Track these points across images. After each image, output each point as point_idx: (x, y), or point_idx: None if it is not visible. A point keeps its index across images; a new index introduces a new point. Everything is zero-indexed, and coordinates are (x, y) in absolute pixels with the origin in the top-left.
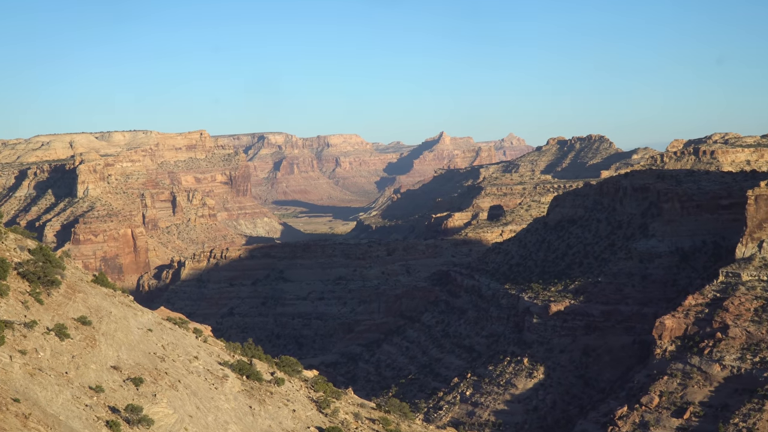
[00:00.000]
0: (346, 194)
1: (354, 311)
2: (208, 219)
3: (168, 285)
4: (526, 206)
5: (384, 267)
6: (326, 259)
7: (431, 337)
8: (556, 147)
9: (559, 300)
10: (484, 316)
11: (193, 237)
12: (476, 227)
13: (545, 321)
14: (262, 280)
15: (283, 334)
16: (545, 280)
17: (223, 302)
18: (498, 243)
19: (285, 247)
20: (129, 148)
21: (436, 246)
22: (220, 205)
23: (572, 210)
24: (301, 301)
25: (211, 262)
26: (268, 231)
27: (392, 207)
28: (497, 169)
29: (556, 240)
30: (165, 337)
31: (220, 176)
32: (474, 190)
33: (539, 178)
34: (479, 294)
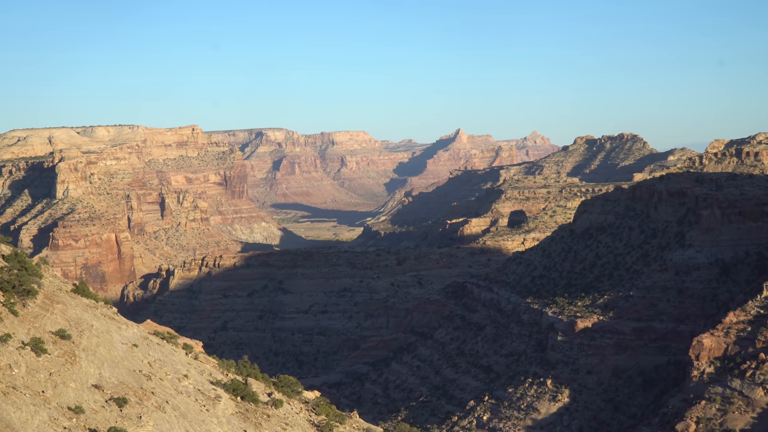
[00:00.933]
0: (352, 197)
1: (360, 326)
2: (200, 223)
3: (155, 296)
4: (550, 212)
5: (393, 278)
6: (330, 269)
7: (445, 356)
8: (585, 147)
9: (586, 316)
10: (503, 332)
11: (184, 243)
12: (495, 235)
13: (571, 339)
14: (259, 292)
15: (281, 351)
16: (571, 294)
17: (216, 315)
18: (519, 252)
19: (284, 255)
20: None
21: (451, 255)
22: (213, 208)
23: (601, 216)
24: (301, 314)
25: (203, 271)
26: (266, 237)
27: (403, 212)
28: (519, 171)
29: (583, 249)
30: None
31: (213, 176)
32: (493, 193)
33: (565, 180)
34: (498, 308)
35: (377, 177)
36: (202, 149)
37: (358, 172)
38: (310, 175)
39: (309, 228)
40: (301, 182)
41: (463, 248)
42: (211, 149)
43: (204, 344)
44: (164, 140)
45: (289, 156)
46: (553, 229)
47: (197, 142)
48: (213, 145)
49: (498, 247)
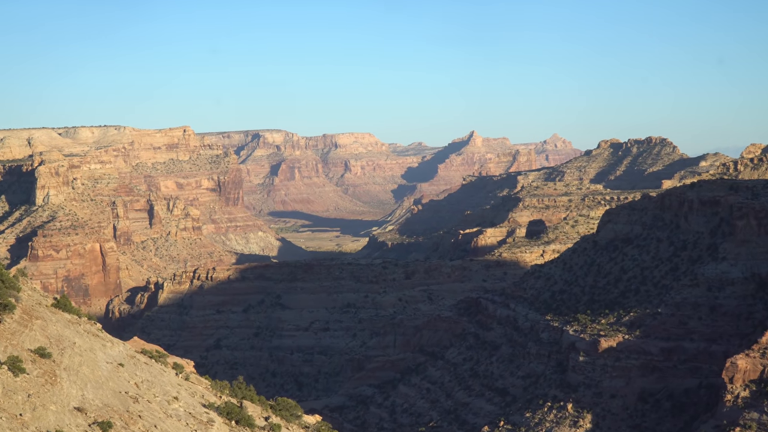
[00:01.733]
0: (356, 205)
1: (365, 345)
2: (192, 233)
3: (143, 311)
4: (572, 222)
5: (401, 292)
6: (332, 283)
7: (457, 377)
8: (609, 151)
9: (610, 334)
10: (520, 352)
11: (174, 254)
12: (512, 246)
13: (594, 359)
14: (256, 307)
15: (279, 372)
16: (594, 311)
17: (209, 332)
18: (538, 265)
19: (283, 267)
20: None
21: (463, 268)
22: (206, 216)
23: (627, 227)
24: (301, 332)
25: (194, 285)
26: (263, 248)
27: (412, 221)
28: (538, 177)
29: (607, 262)
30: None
31: (206, 181)
32: (510, 201)
33: (588, 187)
34: (515, 326)
35: (384, 183)
36: (194, 152)
37: (363, 178)
38: (311, 180)
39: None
40: (301, 188)
41: (477, 261)
42: (203, 152)
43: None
44: (153, 142)
45: (289, 160)
46: (575, 241)
47: (189, 144)
48: (206, 148)
49: (515, 259)
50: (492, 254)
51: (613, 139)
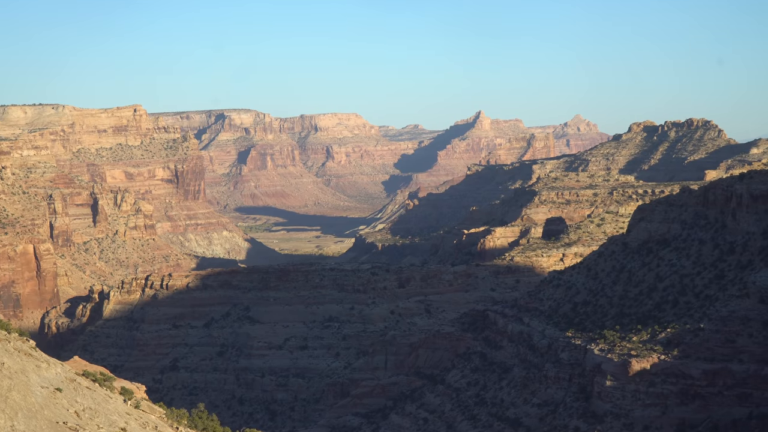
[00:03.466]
0: (340, 199)
1: (350, 366)
2: (144, 232)
3: (85, 326)
4: (597, 220)
5: (394, 304)
6: (311, 292)
7: (460, 405)
8: (642, 136)
9: (643, 354)
10: (536, 376)
11: (122, 257)
12: (526, 248)
13: (623, 384)
14: (220, 321)
15: (248, 398)
16: (624, 326)
17: (164, 351)
18: (557, 272)
19: (253, 273)
20: (32, 130)
21: (468, 275)
22: (160, 213)
23: (664, 226)
24: (274, 350)
25: (146, 294)
26: (228, 250)
27: (406, 218)
28: (557, 166)
29: (640, 268)
30: (80, 400)
31: (161, 171)
32: (524, 195)
33: (617, 179)
34: (529, 344)
35: (373, 173)
36: (147, 136)
37: (348, 167)
38: (286, 170)
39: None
40: (274, 179)
41: (484, 266)
42: (158, 136)
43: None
44: (97, 124)
45: (260, 145)
46: (602, 242)
47: (140, 126)
48: (161, 131)
49: (529, 264)
50: (502, 258)
51: (647, 121)
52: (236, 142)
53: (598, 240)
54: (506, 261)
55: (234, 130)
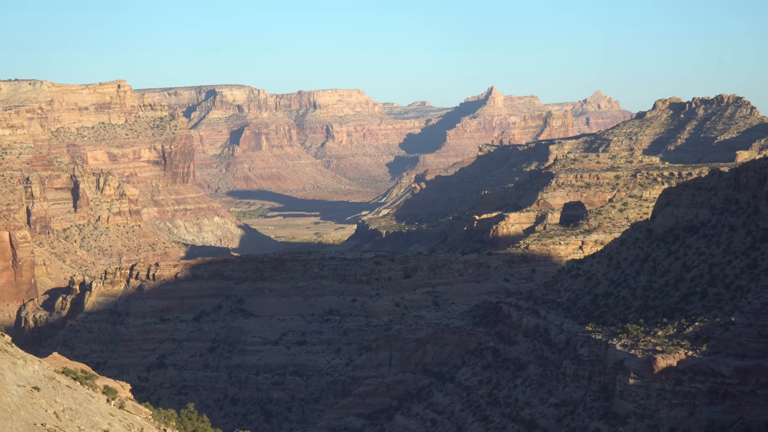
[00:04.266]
0: (341, 182)
1: (352, 363)
2: (129, 218)
3: (65, 319)
4: (620, 204)
5: (399, 295)
6: (309, 282)
7: (471, 405)
8: (668, 113)
9: (669, 350)
10: (553, 373)
11: (105, 246)
12: (543, 236)
13: (648, 383)
14: (211, 314)
15: (241, 398)
16: (648, 320)
17: (150, 347)
18: (576, 261)
19: (246, 262)
20: (7, 108)
21: (479, 264)
22: (147, 197)
23: (691, 211)
24: (270, 346)
25: (131, 285)
26: (220, 237)
27: (413, 203)
28: (576, 146)
29: (666, 257)
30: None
31: (147, 152)
32: (540, 178)
33: (641, 160)
34: (546, 339)
35: (377, 154)
36: (132, 114)
37: (349, 148)
38: (282, 150)
39: (281, 225)
40: (269, 161)
41: (496, 254)
42: (144, 114)
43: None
44: (78, 101)
45: (254, 124)
46: (624, 229)
47: (125, 104)
48: (147, 109)
49: (546, 253)
50: (516, 246)
51: (674, 98)
52: (228, 121)
53: (620, 226)
54: (521, 249)
55: (226, 107)
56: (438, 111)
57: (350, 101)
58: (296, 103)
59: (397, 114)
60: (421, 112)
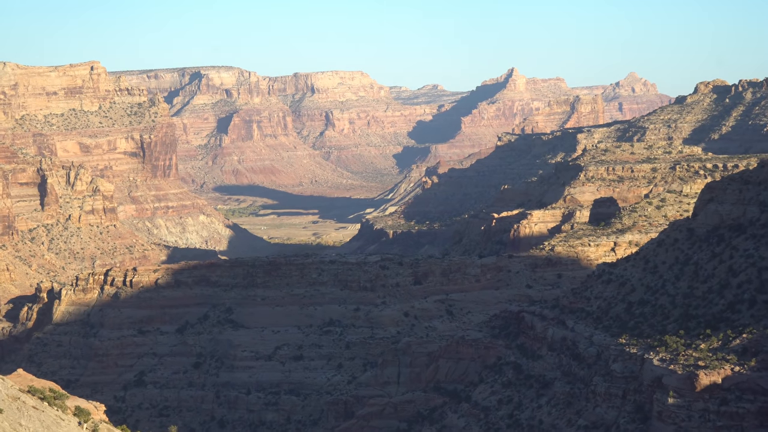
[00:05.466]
0: (342, 176)
1: (355, 381)
2: (103, 217)
3: (31, 331)
4: (657, 201)
5: (408, 304)
6: (307, 290)
7: (489, 428)
8: (712, 98)
9: (713, 366)
10: (582, 392)
11: (77, 248)
12: (570, 236)
13: (689, 402)
14: (196, 326)
15: (230, 420)
16: (690, 331)
17: (128, 362)
18: (607, 264)
19: (236, 267)
20: None
21: (499, 268)
22: (123, 193)
23: (738, 208)
24: (262, 362)
25: (106, 293)
26: (206, 238)
27: (423, 199)
28: (608, 135)
29: (709, 260)
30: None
31: (124, 142)
32: (567, 171)
33: (681, 151)
34: (574, 353)
35: (383, 144)
36: (107, 99)
37: (352, 137)
38: (276, 140)
39: (275, 224)
40: (262, 152)
41: (518, 258)
42: (120, 100)
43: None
44: (46, 85)
45: (244, 111)
46: (662, 228)
47: (98, 88)
48: (123, 94)
49: (574, 255)
50: (540, 248)
51: (718, 80)
52: (215, 107)
53: (658, 226)
54: (545, 251)
55: (212, 91)
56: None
57: (352, 85)
58: (292, 86)
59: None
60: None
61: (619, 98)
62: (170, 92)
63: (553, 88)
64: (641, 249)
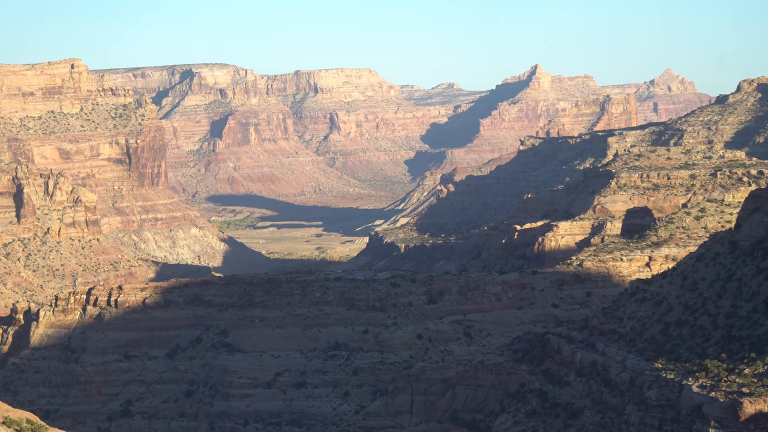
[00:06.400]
0: (349, 184)
1: (363, 411)
2: (85, 230)
3: (6, 356)
4: (696, 211)
5: (422, 325)
6: (310, 310)
7: None
8: (756, 97)
9: (758, 393)
10: (613, 421)
11: (56, 265)
12: (600, 250)
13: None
14: (187, 350)
15: None
16: (733, 354)
17: (113, 390)
18: (641, 281)
19: (231, 285)
20: None
21: (522, 286)
22: (107, 204)
23: None
24: (261, 389)
25: (89, 314)
26: (198, 253)
27: (438, 209)
28: (641, 138)
29: (753, 276)
30: None
31: (108, 148)
32: (597, 178)
33: (723, 156)
34: (605, 379)
35: (393, 149)
36: (89, 101)
37: (359, 141)
38: (275, 145)
39: (274, 238)
40: (260, 158)
41: (543, 274)
42: (103, 101)
43: None
44: (22, 85)
45: (240, 112)
46: (702, 241)
47: (80, 88)
48: (107, 94)
49: (604, 271)
50: (567, 263)
51: (762, 77)
52: (208, 108)
53: (697, 238)
54: (573, 267)
55: (205, 91)
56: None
57: (360, 84)
58: (293, 86)
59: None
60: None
61: (654, 98)
62: (159, 92)
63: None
64: (679, 264)
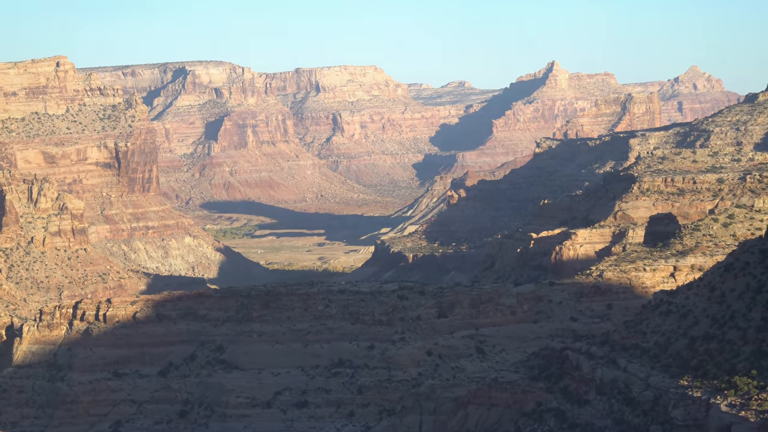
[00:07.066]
0: (353, 189)
1: (369, 431)
2: (72, 239)
3: None
4: (724, 217)
5: (431, 341)
6: (312, 324)
7: None
8: None
9: None
10: None
11: (41, 276)
12: (622, 260)
13: None
14: (181, 367)
15: None
16: (763, 371)
17: (101, 411)
18: (666, 293)
19: (228, 298)
20: None
21: (538, 298)
22: (95, 211)
23: None
24: (260, 409)
25: (75, 329)
26: (192, 264)
27: (448, 217)
28: (665, 140)
29: None
30: None
31: (96, 151)
32: (618, 182)
33: (753, 158)
34: (627, 397)
35: (400, 152)
36: (75, 101)
37: (364, 144)
38: (275, 148)
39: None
40: (258, 162)
41: (561, 285)
42: (91, 101)
43: None
44: (4, 84)
45: (236, 113)
46: (731, 250)
47: (66, 88)
48: (95, 94)
49: (626, 282)
50: (587, 274)
51: None
52: (203, 109)
53: (725, 247)
54: (592, 278)
55: (200, 90)
56: (481, 94)
57: (364, 82)
58: (293, 84)
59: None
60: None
61: (679, 96)
62: (150, 92)
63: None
64: (706, 274)
